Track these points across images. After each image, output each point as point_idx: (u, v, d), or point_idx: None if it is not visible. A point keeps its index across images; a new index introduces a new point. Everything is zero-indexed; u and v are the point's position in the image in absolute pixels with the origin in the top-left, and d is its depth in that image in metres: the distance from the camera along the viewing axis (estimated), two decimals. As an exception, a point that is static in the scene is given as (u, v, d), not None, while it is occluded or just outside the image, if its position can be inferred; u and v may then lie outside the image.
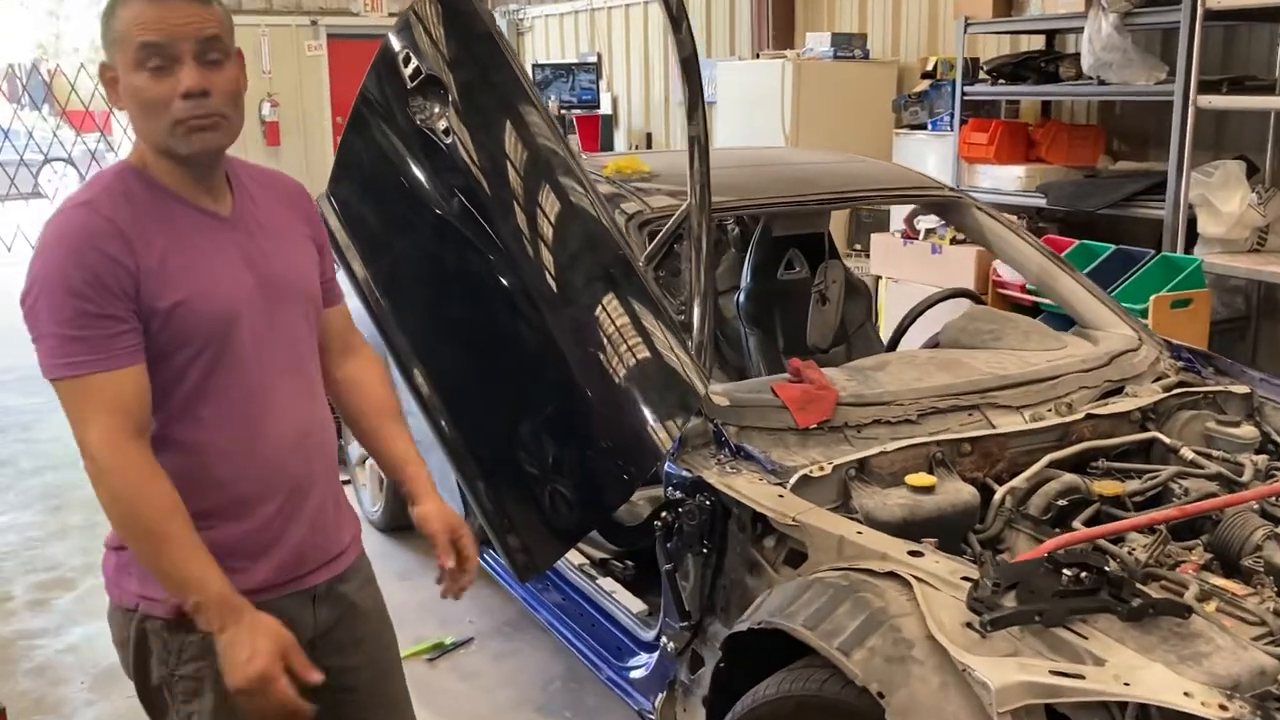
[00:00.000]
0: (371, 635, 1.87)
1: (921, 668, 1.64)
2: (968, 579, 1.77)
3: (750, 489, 2.17)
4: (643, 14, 9.63)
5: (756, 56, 7.64)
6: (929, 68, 6.44)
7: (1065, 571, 1.73)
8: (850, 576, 1.86)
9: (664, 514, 2.31)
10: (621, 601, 2.76)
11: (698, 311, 2.46)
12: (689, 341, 2.36)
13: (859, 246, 6.38)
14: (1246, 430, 2.54)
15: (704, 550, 2.23)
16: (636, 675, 2.54)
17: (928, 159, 5.93)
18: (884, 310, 5.27)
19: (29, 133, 13.64)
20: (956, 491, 2.21)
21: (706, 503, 2.22)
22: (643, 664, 2.54)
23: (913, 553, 1.88)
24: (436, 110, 2.30)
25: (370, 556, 1.94)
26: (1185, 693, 1.50)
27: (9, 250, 10.95)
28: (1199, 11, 4.43)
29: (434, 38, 2.35)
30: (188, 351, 1.59)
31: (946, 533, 2.12)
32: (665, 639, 2.40)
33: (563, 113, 9.41)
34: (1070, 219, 5.35)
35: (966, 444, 2.38)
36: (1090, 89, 5.13)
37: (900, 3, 6.97)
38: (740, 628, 1.98)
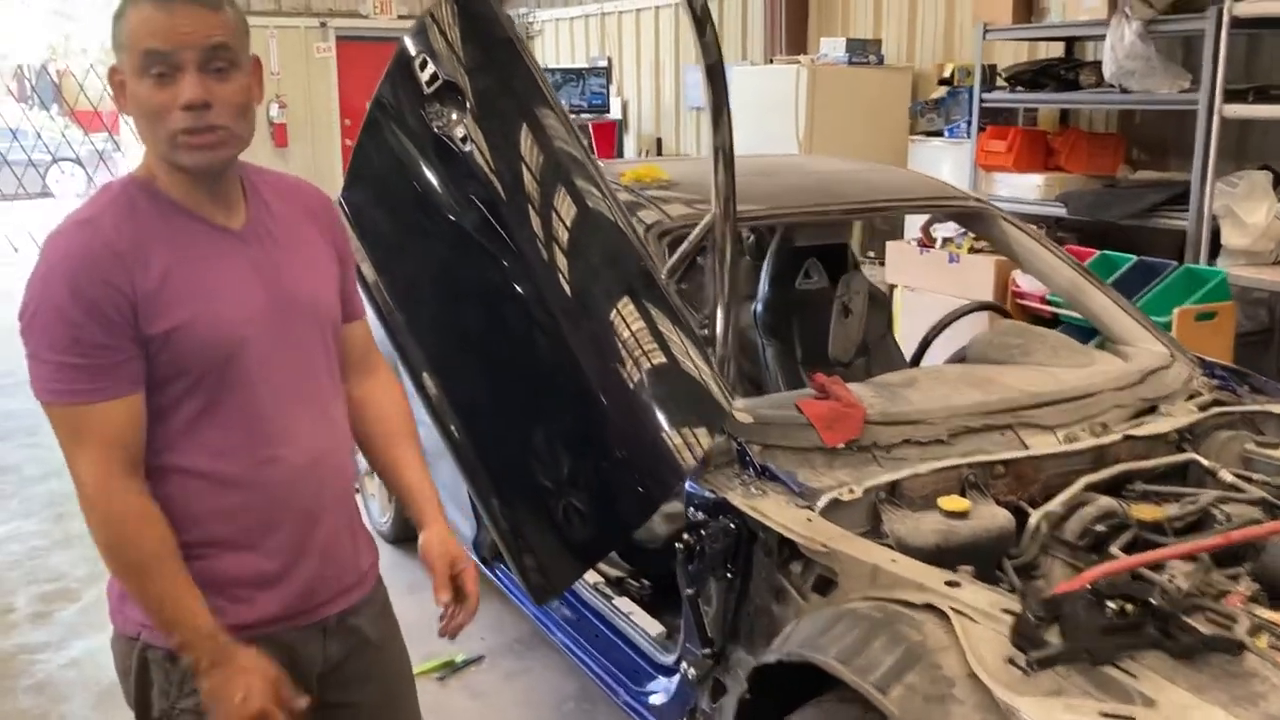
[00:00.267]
0: (383, 668, 1.80)
1: (962, 707, 1.56)
2: (1009, 611, 1.69)
3: (777, 512, 2.08)
4: (653, 18, 9.57)
5: (769, 62, 7.58)
6: (946, 74, 6.37)
7: (1109, 604, 1.66)
8: (885, 608, 1.78)
9: (686, 536, 2.23)
10: (639, 623, 2.68)
11: (721, 325, 2.38)
12: (712, 356, 2.29)
13: (872, 254, 6.31)
14: (1287, 452, 2.45)
15: (728, 575, 2.14)
16: (655, 701, 2.46)
17: (943, 166, 5.87)
18: (899, 320, 5.19)
19: (37, 133, 13.65)
20: (992, 516, 2.13)
21: (731, 525, 2.13)
22: (661, 689, 2.46)
23: (950, 583, 1.80)
24: (454, 116, 2.24)
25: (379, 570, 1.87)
26: (1243, 737, 1.43)
27: (16, 251, 10.93)
28: (1225, 19, 4.36)
29: (450, 42, 2.29)
30: (188, 377, 1.52)
31: (981, 559, 2.04)
32: (686, 665, 2.31)
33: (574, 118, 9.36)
34: (1087, 229, 5.27)
35: (1000, 466, 2.29)
36: (1113, 97, 5.05)
37: (916, 8, 6.91)
38: (770, 659, 1.90)
